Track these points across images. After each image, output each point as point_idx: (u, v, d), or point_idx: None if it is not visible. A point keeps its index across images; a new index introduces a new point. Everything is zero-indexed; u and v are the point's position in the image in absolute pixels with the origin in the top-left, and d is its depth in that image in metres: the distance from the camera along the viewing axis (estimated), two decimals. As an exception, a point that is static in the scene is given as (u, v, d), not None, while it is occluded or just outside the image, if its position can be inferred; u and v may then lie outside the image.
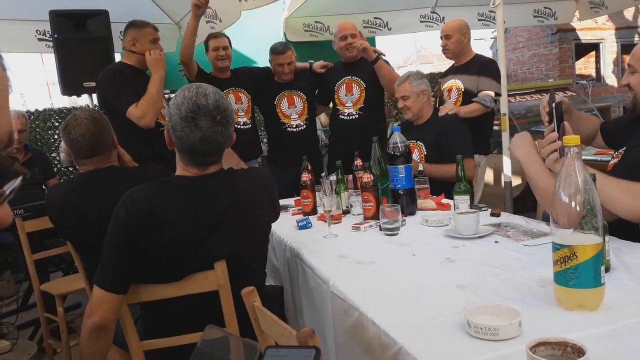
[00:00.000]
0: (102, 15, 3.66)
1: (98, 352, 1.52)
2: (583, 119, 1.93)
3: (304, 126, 3.66)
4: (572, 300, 1.13)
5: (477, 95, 3.46)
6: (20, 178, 0.57)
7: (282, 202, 2.81)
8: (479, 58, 3.66)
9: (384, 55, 3.71)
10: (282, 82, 3.64)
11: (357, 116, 3.57)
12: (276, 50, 3.57)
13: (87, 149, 2.03)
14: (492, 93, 3.46)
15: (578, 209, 1.12)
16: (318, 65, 3.84)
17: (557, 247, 1.14)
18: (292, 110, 3.63)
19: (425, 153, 2.97)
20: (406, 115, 3.05)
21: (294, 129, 3.64)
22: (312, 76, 3.78)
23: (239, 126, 3.54)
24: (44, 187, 4.05)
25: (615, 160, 1.78)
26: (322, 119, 5.39)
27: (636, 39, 9.26)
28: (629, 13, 9.10)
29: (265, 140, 4.23)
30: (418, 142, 2.99)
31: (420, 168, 2.63)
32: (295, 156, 3.47)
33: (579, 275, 1.11)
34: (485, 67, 3.53)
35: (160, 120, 3.12)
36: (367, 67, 3.55)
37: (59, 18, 3.58)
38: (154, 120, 2.89)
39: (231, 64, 3.63)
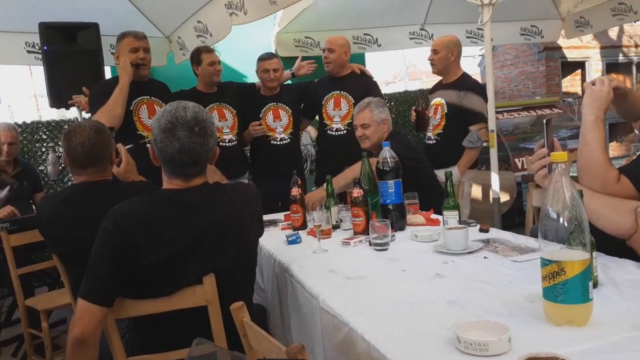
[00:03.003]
0: (92, 28, 3.65)
1: None
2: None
3: (288, 140, 3.65)
4: (561, 316, 1.14)
5: (465, 139, 3.49)
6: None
7: (270, 216, 2.82)
8: (465, 79, 3.64)
9: (372, 77, 3.76)
10: (268, 96, 3.65)
11: (345, 132, 3.58)
12: (263, 57, 3.62)
13: (83, 158, 2.02)
14: (475, 128, 3.48)
15: (566, 225, 1.13)
16: (297, 67, 3.87)
17: (545, 262, 1.15)
18: (277, 123, 3.62)
19: None
20: (364, 145, 2.84)
21: (278, 142, 3.63)
22: (297, 91, 3.79)
23: (224, 143, 3.51)
24: (31, 201, 4.01)
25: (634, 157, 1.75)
26: (312, 133, 5.41)
27: (620, 57, 9.44)
28: (613, 33, 9.28)
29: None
30: None
31: None
32: (279, 170, 3.49)
33: (567, 290, 1.12)
34: (470, 92, 3.51)
35: (141, 132, 3.13)
36: (356, 82, 3.57)
37: (48, 30, 3.57)
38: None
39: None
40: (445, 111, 3.52)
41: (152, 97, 3.24)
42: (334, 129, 3.61)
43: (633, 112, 1.79)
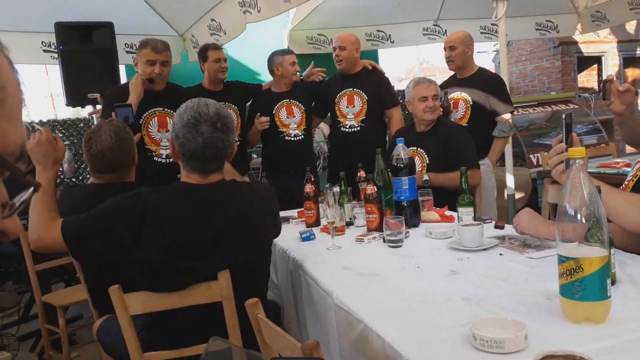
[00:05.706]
0: (107, 27, 3.69)
1: None
2: None
3: (302, 136, 3.64)
4: (579, 313, 1.13)
5: (496, 128, 3.51)
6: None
7: (283, 213, 2.82)
8: (483, 72, 3.65)
9: (384, 72, 3.75)
10: (280, 92, 3.64)
11: (359, 128, 3.57)
12: (286, 51, 3.66)
13: (103, 165, 2.04)
14: (507, 116, 3.50)
15: (583, 221, 1.11)
16: (307, 74, 3.85)
17: (562, 259, 1.13)
18: (290, 119, 3.62)
19: (427, 162, 2.95)
20: (431, 116, 2.96)
21: (292, 138, 3.62)
22: (309, 89, 3.77)
23: None
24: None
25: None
26: (325, 130, 5.40)
27: (638, 52, 9.29)
28: (630, 26, 9.13)
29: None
30: (419, 149, 2.98)
31: (426, 177, 2.62)
32: (292, 165, 3.50)
33: (585, 287, 1.10)
34: (493, 86, 3.52)
35: (149, 147, 3.12)
36: (367, 78, 3.56)
37: (64, 30, 3.62)
38: None
39: (231, 77, 3.65)
40: (471, 103, 3.51)
41: (165, 109, 3.16)
42: (348, 126, 3.60)
43: (636, 138, 1.78)
